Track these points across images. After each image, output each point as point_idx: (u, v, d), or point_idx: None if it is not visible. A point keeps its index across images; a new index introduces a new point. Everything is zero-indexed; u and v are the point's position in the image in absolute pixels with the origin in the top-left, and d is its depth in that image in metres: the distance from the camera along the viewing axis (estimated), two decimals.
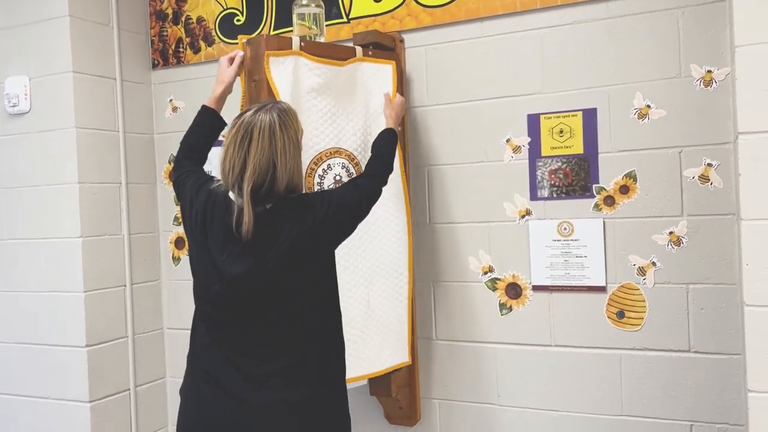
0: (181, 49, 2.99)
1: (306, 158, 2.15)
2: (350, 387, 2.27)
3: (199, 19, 2.94)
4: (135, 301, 2.93)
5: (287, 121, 1.70)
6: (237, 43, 2.82)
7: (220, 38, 2.89)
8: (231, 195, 1.71)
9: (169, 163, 3.04)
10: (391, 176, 2.30)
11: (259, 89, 2.10)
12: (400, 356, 2.35)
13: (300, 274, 1.72)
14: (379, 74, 2.32)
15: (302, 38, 2.21)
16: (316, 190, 2.19)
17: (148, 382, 2.97)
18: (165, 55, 3.03)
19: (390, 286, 2.32)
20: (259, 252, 1.67)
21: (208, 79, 2.93)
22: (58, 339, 2.74)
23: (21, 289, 2.82)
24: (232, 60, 2.13)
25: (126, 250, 2.90)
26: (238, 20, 2.84)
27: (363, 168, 2.25)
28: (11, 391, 2.86)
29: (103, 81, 2.84)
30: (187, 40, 2.96)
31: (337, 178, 2.22)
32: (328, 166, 2.21)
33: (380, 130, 2.17)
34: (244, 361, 1.73)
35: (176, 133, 3.01)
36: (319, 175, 2.19)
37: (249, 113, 1.69)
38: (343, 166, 2.23)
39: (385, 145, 2.09)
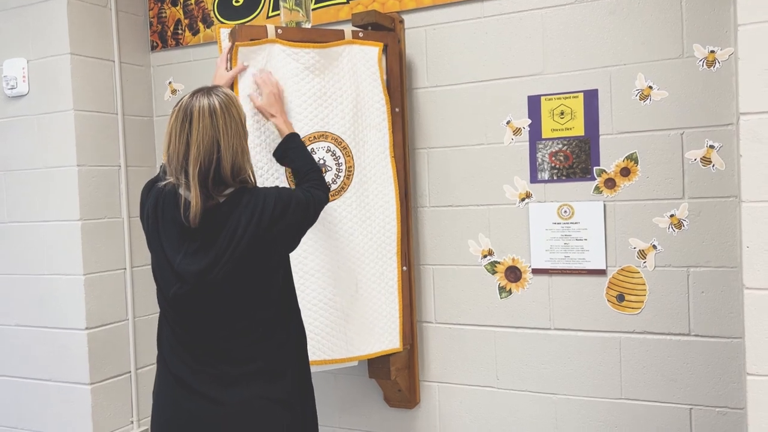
0: (179, 31, 2.96)
1: None
2: (332, 368, 2.29)
3: (198, 1, 2.91)
4: (135, 284, 2.93)
5: (227, 101, 1.65)
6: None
7: (218, 20, 2.86)
8: (180, 191, 1.65)
9: None
10: (380, 159, 2.29)
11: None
12: (390, 342, 2.34)
13: (260, 268, 1.68)
14: (366, 57, 2.30)
15: (279, 27, 2.22)
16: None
17: (149, 365, 2.98)
18: (164, 37, 3.01)
19: (380, 270, 2.32)
20: (217, 247, 1.62)
21: (206, 61, 2.91)
22: (59, 322, 2.75)
23: (22, 272, 2.83)
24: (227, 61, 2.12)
25: (126, 234, 2.89)
26: (237, 1, 2.81)
27: (351, 151, 2.26)
28: (14, 374, 2.87)
29: (102, 63, 2.82)
30: (186, 21, 2.94)
31: (321, 162, 2.22)
32: (312, 150, 2.20)
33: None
34: (211, 361, 1.69)
35: None
36: None
37: (186, 98, 1.65)
38: (328, 150, 2.23)
39: (304, 155, 1.99)
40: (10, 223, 2.84)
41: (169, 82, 3.02)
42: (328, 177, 2.22)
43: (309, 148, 2.19)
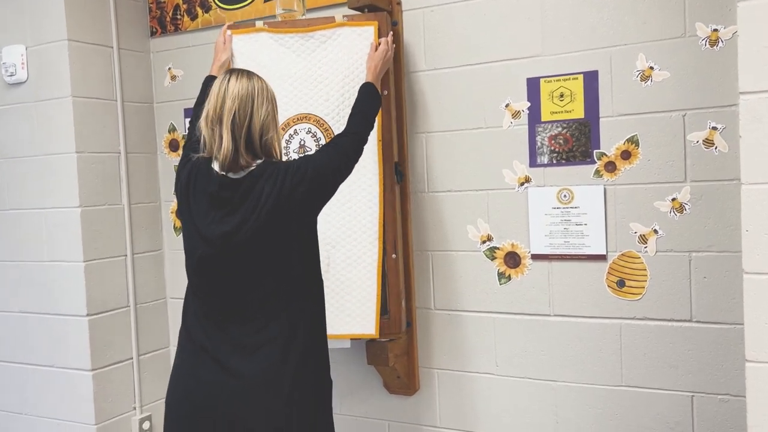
0: (178, 16, 2.94)
1: None
2: None
3: None
4: (137, 271, 2.93)
5: (257, 76, 1.79)
6: (234, 9, 2.79)
7: (216, 4, 2.84)
8: (214, 165, 1.75)
9: (169, 132, 3.02)
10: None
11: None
12: (364, 327, 2.31)
13: (284, 238, 1.74)
14: (361, 37, 2.27)
15: (268, 21, 2.35)
16: (282, 153, 2.23)
17: (151, 351, 2.98)
18: (163, 23, 2.98)
19: (357, 254, 2.30)
20: (242, 213, 1.70)
21: (205, 47, 2.88)
22: (61, 308, 2.76)
23: (23, 259, 2.84)
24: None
25: (126, 220, 2.89)
26: None
27: (333, 133, 2.27)
28: (16, 360, 2.89)
29: (100, 49, 2.81)
30: (184, 6, 2.91)
31: (302, 142, 2.28)
32: (295, 132, 2.28)
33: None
34: (233, 327, 1.76)
35: (176, 102, 2.99)
36: (285, 139, 2.29)
37: (221, 76, 1.79)
38: (309, 131, 2.28)
39: (363, 100, 2.06)
40: (10, 210, 2.85)
41: (169, 68, 3.00)
42: None
43: (292, 129, 2.29)
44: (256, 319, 1.75)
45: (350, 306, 2.32)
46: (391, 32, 2.30)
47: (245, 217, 1.70)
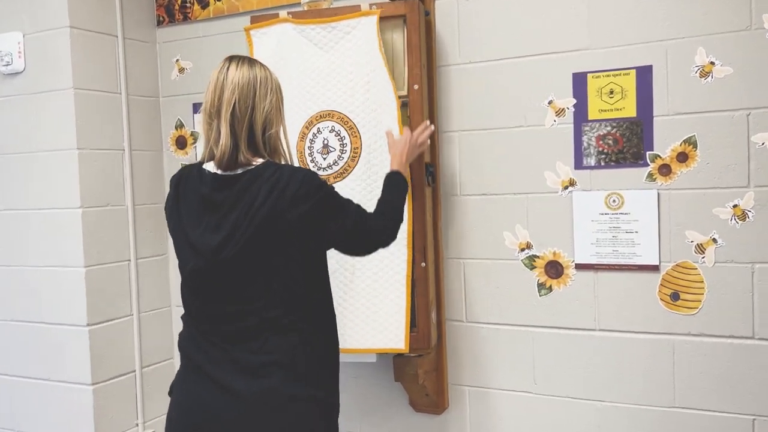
0: (188, 5, 2.75)
1: (299, 122, 2.15)
2: None
3: None
4: (141, 277, 2.74)
5: (260, 64, 1.64)
6: None
7: None
8: (207, 166, 1.61)
9: (176, 128, 2.82)
10: None
11: None
12: (392, 341, 2.12)
13: (282, 246, 1.54)
14: (369, 27, 2.11)
15: (292, 12, 2.20)
16: (306, 154, 2.12)
17: (155, 363, 2.79)
18: (171, 11, 2.79)
19: (385, 261, 2.11)
20: (233, 220, 1.52)
21: (217, 37, 2.71)
22: (59, 317, 2.56)
23: (19, 264, 2.64)
24: None
25: (130, 222, 2.69)
26: None
27: (358, 130, 2.11)
28: (10, 372, 2.69)
29: (104, 38, 2.61)
30: None
31: (326, 142, 2.13)
32: (318, 130, 2.14)
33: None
34: (231, 347, 1.58)
35: (183, 96, 2.81)
36: (309, 139, 2.14)
37: (220, 63, 1.63)
38: (332, 130, 2.13)
39: (391, 190, 1.85)
40: (5, 210, 2.65)
41: (177, 60, 2.80)
42: (331, 158, 2.13)
43: (316, 127, 2.14)
44: (256, 337, 1.56)
45: (377, 318, 2.14)
46: (427, 121, 2.09)
47: (236, 224, 1.52)
